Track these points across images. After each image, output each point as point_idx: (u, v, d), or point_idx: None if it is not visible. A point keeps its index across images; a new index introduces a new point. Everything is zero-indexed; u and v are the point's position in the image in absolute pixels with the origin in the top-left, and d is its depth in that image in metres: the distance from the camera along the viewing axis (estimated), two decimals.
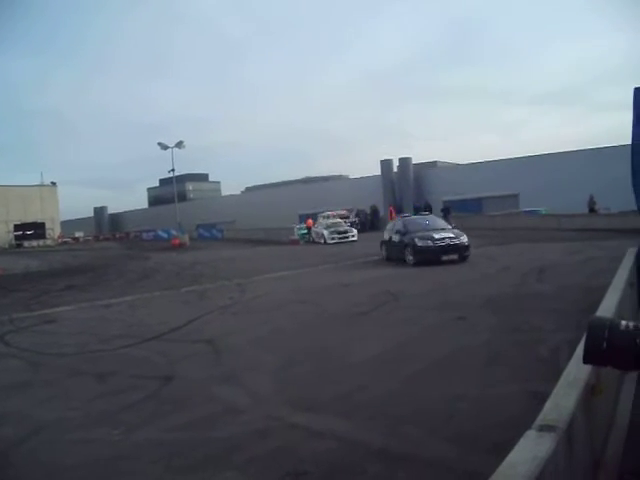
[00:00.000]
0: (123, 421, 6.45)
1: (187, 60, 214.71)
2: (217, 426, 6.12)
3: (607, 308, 5.03)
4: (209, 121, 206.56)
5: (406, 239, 22.38)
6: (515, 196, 53.03)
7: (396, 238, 23.41)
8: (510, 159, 56.56)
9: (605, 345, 1.39)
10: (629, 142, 9.83)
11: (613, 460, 3.39)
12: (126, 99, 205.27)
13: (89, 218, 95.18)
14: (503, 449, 2.28)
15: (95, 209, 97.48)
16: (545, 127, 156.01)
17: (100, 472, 5.23)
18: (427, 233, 22.11)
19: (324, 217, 50.40)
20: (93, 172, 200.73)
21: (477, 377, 7.22)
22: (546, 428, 2.29)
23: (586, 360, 1.50)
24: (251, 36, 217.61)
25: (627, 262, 8.90)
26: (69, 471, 5.25)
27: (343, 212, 53.57)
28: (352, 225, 48.86)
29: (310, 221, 48.44)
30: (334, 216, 50.67)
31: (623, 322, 1.43)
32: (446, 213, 45.72)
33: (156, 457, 5.41)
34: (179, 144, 60.65)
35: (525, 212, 46.32)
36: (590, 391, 3.13)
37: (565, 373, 3.09)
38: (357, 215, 53.99)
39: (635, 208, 10.09)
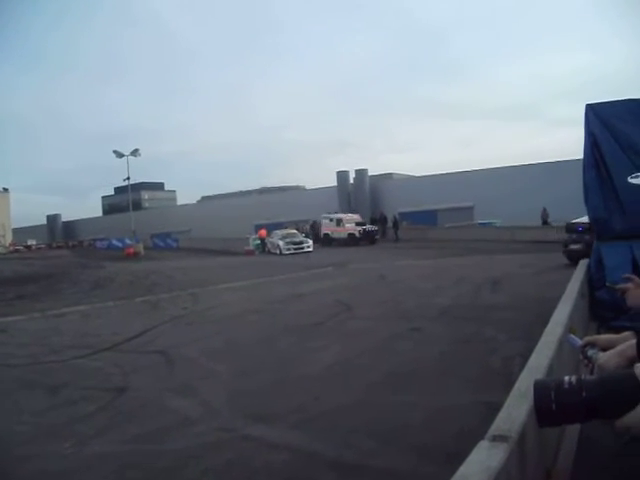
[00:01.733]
0: (74, 434, 6.34)
1: (144, 69, 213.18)
2: (170, 438, 6.06)
3: (559, 319, 5.12)
4: (165, 130, 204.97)
5: None
6: (470, 208, 53.67)
7: None
8: (465, 172, 57.28)
9: (554, 407, 1.43)
10: (581, 157, 10.07)
11: (564, 470, 3.44)
12: (80, 105, 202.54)
13: (42, 226, 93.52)
14: (456, 459, 2.30)
15: (48, 217, 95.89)
16: (501, 141, 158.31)
17: None
18: None
19: (331, 219, 47.15)
20: (46, 179, 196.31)
21: (431, 388, 7.28)
22: (499, 439, 2.31)
23: (540, 424, 1.53)
24: (204, 44, 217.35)
25: (579, 274, 9.07)
26: None
27: (356, 216, 48.01)
28: (369, 232, 44.19)
29: (263, 231, 46.96)
30: (348, 220, 45.89)
31: (566, 379, 1.47)
32: (395, 225, 46.00)
33: (108, 470, 5.32)
34: (135, 152, 60.07)
35: (480, 224, 46.98)
36: None
37: (517, 383, 3.13)
38: (312, 227, 53.12)
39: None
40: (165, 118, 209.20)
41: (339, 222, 45.90)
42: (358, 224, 45.40)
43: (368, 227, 45.16)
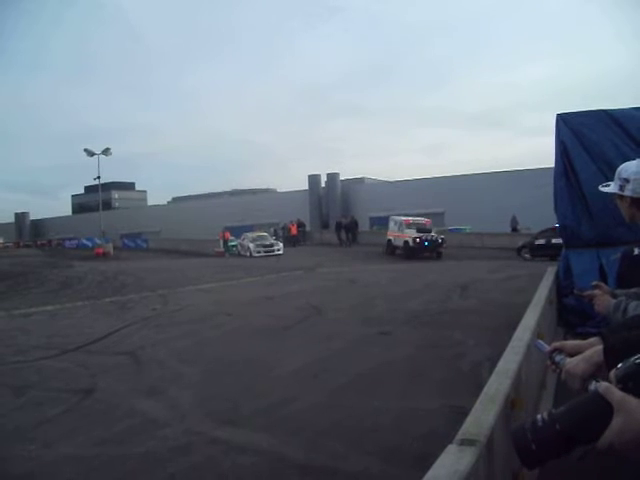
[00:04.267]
0: (40, 436, 6.25)
1: (116, 69, 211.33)
2: (137, 441, 5.99)
3: (527, 325, 5.17)
4: (137, 130, 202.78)
5: None
6: (441, 214, 53.94)
7: None
8: (437, 178, 57.75)
9: (534, 446, 1.44)
10: (551, 165, 10.21)
11: (531, 474, 3.47)
12: (52, 103, 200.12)
13: (9, 224, 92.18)
14: (425, 463, 2.31)
15: (16, 215, 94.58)
16: (472, 148, 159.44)
17: None
18: None
19: (396, 222, 36.46)
20: (15, 176, 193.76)
21: (400, 391, 7.30)
22: (467, 442, 2.32)
23: (528, 467, 1.54)
24: (180, 46, 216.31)
25: (547, 280, 9.17)
26: None
27: (422, 220, 36.79)
28: (431, 242, 32.84)
29: (227, 234, 46.48)
30: (408, 223, 35.15)
31: (538, 417, 1.48)
32: (350, 229, 45.33)
33: (73, 474, 5.25)
34: (106, 151, 59.36)
35: (450, 230, 47.24)
36: (510, 406, 3.20)
37: (486, 388, 3.15)
38: (282, 229, 52.87)
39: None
40: (137, 119, 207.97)
41: (400, 226, 35.38)
42: (420, 230, 34.07)
43: (429, 235, 33.75)
